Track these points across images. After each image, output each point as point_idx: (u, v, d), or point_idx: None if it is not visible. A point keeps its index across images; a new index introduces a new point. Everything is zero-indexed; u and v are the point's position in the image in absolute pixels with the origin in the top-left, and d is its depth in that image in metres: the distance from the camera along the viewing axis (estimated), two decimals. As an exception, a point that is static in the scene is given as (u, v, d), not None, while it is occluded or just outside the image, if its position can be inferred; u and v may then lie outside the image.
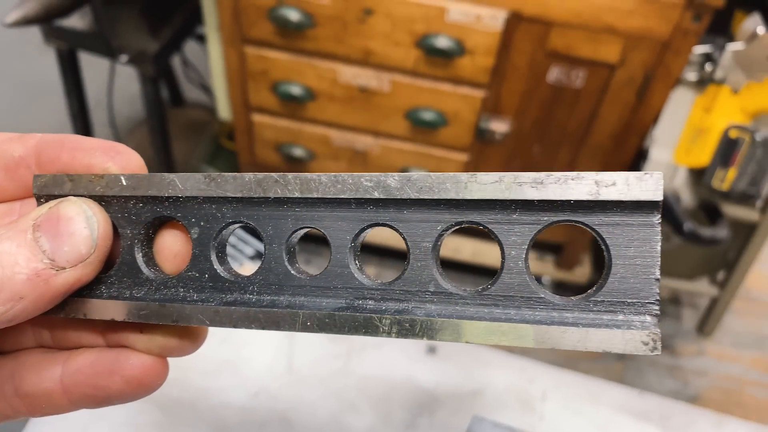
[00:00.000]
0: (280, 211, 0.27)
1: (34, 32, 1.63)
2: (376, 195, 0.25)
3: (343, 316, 0.26)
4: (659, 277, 0.23)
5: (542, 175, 0.23)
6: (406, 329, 0.25)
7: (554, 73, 1.36)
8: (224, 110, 1.63)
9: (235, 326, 0.27)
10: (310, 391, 0.59)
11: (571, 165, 1.53)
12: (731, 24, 1.36)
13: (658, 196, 0.22)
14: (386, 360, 0.62)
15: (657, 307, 0.23)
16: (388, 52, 1.36)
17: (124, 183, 0.28)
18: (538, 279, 1.80)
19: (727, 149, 1.32)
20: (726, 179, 1.33)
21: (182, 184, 0.27)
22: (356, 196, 0.25)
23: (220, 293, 0.28)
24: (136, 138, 2.02)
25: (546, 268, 1.80)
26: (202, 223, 0.28)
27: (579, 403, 0.62)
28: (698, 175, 1.42)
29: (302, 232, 0.27)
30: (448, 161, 1.53)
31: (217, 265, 0.28)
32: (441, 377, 0.62)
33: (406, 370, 0.62)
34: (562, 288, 1.93)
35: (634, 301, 0.23)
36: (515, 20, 1.28)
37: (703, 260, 1.73)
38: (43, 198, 0.29)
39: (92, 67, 1.87)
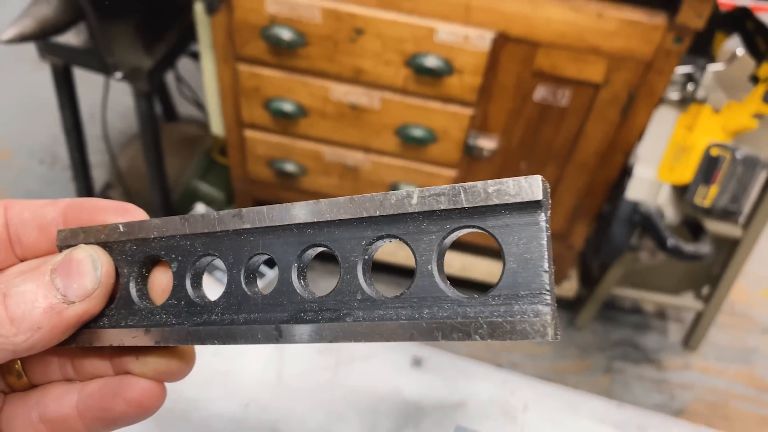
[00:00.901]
0: (238, 242, 0.31)
1: (29, 48, 1.65)
2: (309, 219, 0.29)
3: (288, 327, 0.29)
4: (548, 269, 0.25)
5: (441, 188, 0.26)
6: (336, 334, 0.28)
7: (540, 92, 1.40)
8: (217, 126, 1.65)
9: (202, 343, 0.31)
10: (299, 403, 0.61)
11: (558, 181, 1.56)
12: (712, 45, 1.40)
13: (538, 196, 0.24)
14: (373, 372, 0.64)
15: (549, 297, 0.25)
16: (379, 70, 1.39)
17: (122, 230, 0.33)
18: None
19: (709, 167, 1.35)
20: (708, 196, 1.36)
21: (163, 226, 0.32)
22: (294, 222, 0.29)
23: (192, 316, 0.32)
24: (129, 152, 2.03)
25: (534, 282, 1.82)
26: (179, 258, 0.32)
27: (559, 414, 0.64)
28: (681, 192, 1.46)
29: (256, 258, 0.31)
30: (437, 177, 1.56)
31: (190, 292, 0.32)
32: (426, 389, 0.64)
33: (393, 382, 0.64)
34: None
35: (527, 293, 0.25)
36: (502, 41, 1.31)
37: (687, 275, 1.76)
38: (63, 248, 0.35)
39: (86, 81, 1.89)
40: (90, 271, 0.32)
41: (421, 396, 0.63)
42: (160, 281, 0.35)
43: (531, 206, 0.25)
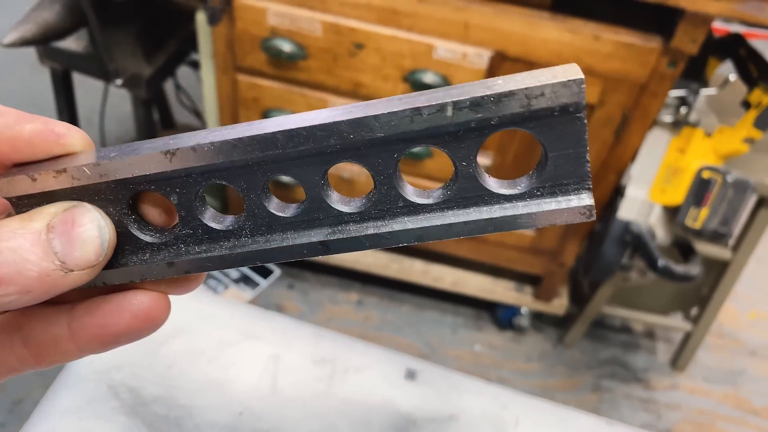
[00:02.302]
0: (247, 168, 0.28)
1: (27, 52, 1.65)
2: (332, 142, 0.27)
3: (333, 241, 0.29)
4: (588, 159, 0.27)
5: (478, 97, 0.26)
6: (386, 239, 0.29)
7: (536, 111, 1.41)
8: (214, 135, 1.66)
9: (242, 265, 0.30)
10: (293, 412, 0.62)
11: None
12: (705, 70, 1.42)
13: (582, 98, 0.25)
14: (367, 384, 0.65)
15: (589, 182, 0.28)
16: (377, 85, 1.40)
17: (89, 173, 0.28)
18: (517, 309, 1.84)
19: (700, 189, 1.37)
20: (699, 218, 1.38)
21: (144, 165, 0.28)
22: (315, 146, 0.27)
23: (218, 242, 0.30)
24: (124, 158, 2.03)
25: (524, 299, 1.83)
26: (177, 190, 0.29)
27: (550, 430, 0.65)
28: (672, 213, 1.47)
29: (274, 178, 0.29)
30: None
31: (206, 221, 0.30)
32: (419, 401, 0.64)
33: (386, 394, 0.64)
34: (540, 320, 1.96)
35: (571, 181, 0.28)
36: (499, 59, 1.33)
37: (677, 296, 1.78)
38: (15, 200, 0.29)
39: (83, 86, 1.89)
40: (95, 239, 0.28)
41: (414, 409, 0.64)
42: (155, 207, 0.31)
43: (573, 106, 0.26)
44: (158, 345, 0.63)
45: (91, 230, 0.28)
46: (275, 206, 0.30)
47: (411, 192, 0.29)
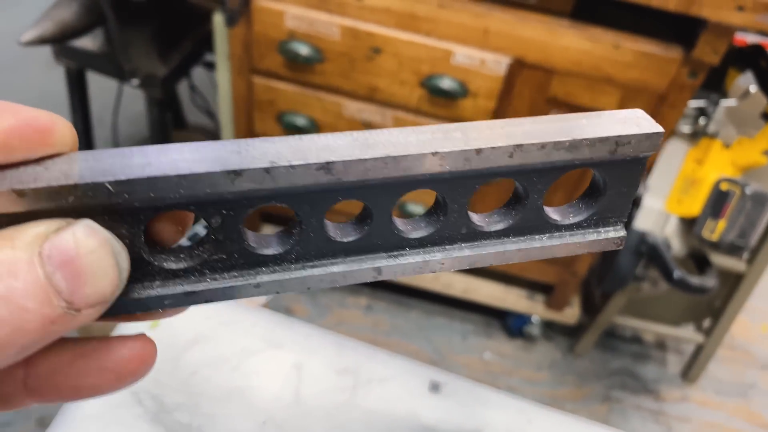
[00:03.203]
0: (316, 193, 0.25)
1: (42, 49, 1.65)
2: (423, 171, 0.25)
3: (387, 267, 0.28)
4: (634, 197, 0.30)
5: (578, 140, 0.27)
6: (440, 265, 0.29)
7: (553, 119, 1.40)
8: (229, 136, 1.65)
9: (278, 292, 0.27)
10: (315, 423, 0.61)
11: (566, 208, 1.56)
12: (725, 81, 1.41)
13: (656, 150, 0.28)
14: (390, 395, 0.64)
15: (627, 217, 0.31)
16: (394, 90, 1.39)
17: (111, 190, 0.22)
18: (528, 318, 1.82)
19: (718, 201, 1.36)
20: (716, 230, 1.36)
21: (197, 185, 0.23)
22: (406, 174, 0.25)
23: (256, 267, 0.27)
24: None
25: (535, 307, 1.82)
26: (224, 212, 0.24)
27: (575, 446, 0.64)
28: (689, 225, 1.46)
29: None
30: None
31: (250, 245, 0.26)
32: (443, 414, 0.64)
33: (410, 406, 0.63)
34: (550, 329, 1.95)
35: (614, 215, 0.31)
36: (518, 66, 1.32)
37: (689, 307, 1.77)
38: None
39: (95, 84, 1.89)
40: (110, 267, 0.21)
41: (438, 421, 0.63)
42: (170, 227, 0.26)
43: (645, 156, 0.29)
44: (181, 352, 0.63)
45: (103, 257, 0.21)
46: (333, 230, 0.28)
47: (477, 219, 0.29)
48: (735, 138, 1.36)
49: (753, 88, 1.32)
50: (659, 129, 0.27)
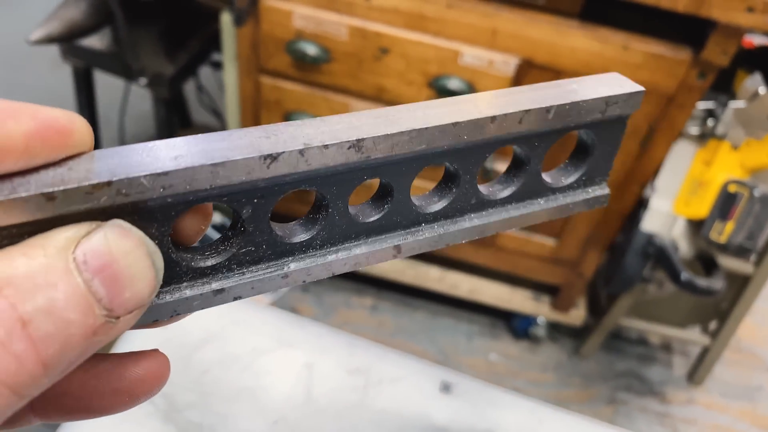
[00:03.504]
0: (347, 172, 0.25)
1: (49, 48, 1.66)
2: (444, 143, 0.27)
3: (406, 243, 0.29)
4: (615, 156, 0.32)
5: (577, 102, 0.29)
6: (453, 237, 0.30)
7: (561, 120, 1.40)
8: (235, 136, 1.65)
9: (303, 281, 0.27)
10: (327, 423, 0.61)
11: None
12: (733, 82, 1.41)
13: (639, 106, 0.30)
14: (402, 395, 0.64)
15: (608, 175, 0.33)
16: (401, 90, 1.39)
17: (147, 185, 0.21)
18: (533, 319, 1.82)
19: (726, 203, 1.36)
20: (724, 232, 1.36)
21: (232, 173, 0.22)
22: (426, 147, 0.26)
23: (282, 257, 0.26)
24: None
25: (541, 309, 1.82)
26: (256, 201, 0.24)
27: (586, 448, 0.64)
28: (696, 227, 1.46)
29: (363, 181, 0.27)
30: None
31: (279, 235, 0.26)
32: (454, 415, 0.63)
33: (421, 406, 0.63)
34: (556, 330, 1.94)
35: (599, 174, 0.33)
36: (526, 67, 1.32)
37: (695, 309, 1.76)
38: (15, 229, 0.19)
39: (102, 83, 1.89)
40: (147, 269, 0.20)
41: (449, 422, 0.63)
42: (192, 227, 0.24)
43: (627, 115, 0.31)
44: (192, 351, 0.63)
45: (139, 258, 0.20)
46: (356, 210, 0.28)
47: (483, 189, 0.31)
48: (743, 140, 1.36)
49: (762, 90, 1.32)
50: (640, 88, 0.30)
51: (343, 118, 0.25)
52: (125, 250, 0.20)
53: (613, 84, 0.30)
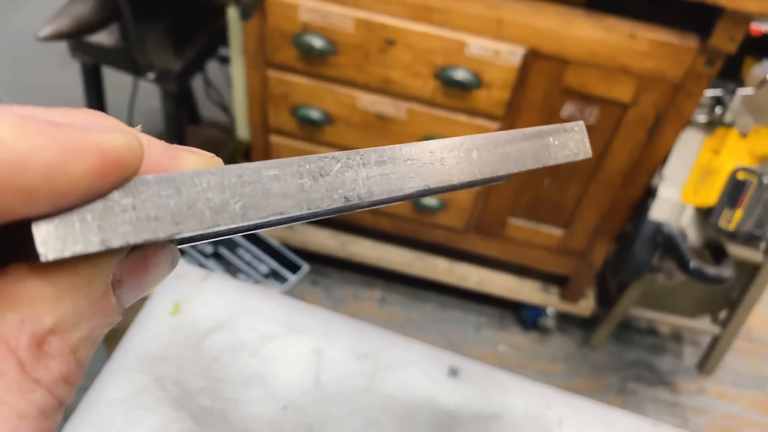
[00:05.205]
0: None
1: (57, 45, 1.67)
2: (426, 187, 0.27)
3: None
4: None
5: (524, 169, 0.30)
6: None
7: (568, 109, 1.40)
8: (243, 130, 1.66)
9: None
10: (336, 407, 0.61)
11: (581, 199, 1.56)
12: (741, 69, 1.40)
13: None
14: (410, 380, 0.64)
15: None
16: (407, 81, 1.40)
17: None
18: (542, 310, 1.82)
19: (735, 191, 1.35)
20: (732, 220, 1.36)
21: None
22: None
23: None
24: (151, 153, 2.04)
25: (550, 299, 1.82)
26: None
27: (594, 430, 0.64)
28: (705, 215, 1.45)
29: None
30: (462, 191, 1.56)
31: None
32: (462, 400, 0.64)
33: (429, 391, 0.64)
34: (565, 320, 1.95)
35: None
36: (532, 57, 1.32)
37: (705, 299, 1.75)
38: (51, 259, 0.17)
39: (110, 80, 1.90)
40: (166, 273, 0.22)
41: (457, 406, 0.63)
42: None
43: None
44: (202, 337, 0.63)
45: (165, 266, 0.21)
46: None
47: None
48: (752, 127, 1.35)
49: (770, 77, 1.31)
50: (589, 155, 0.31)
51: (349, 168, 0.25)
52: (157, 262, 0.21)
53: (575, 146, 0.31)
